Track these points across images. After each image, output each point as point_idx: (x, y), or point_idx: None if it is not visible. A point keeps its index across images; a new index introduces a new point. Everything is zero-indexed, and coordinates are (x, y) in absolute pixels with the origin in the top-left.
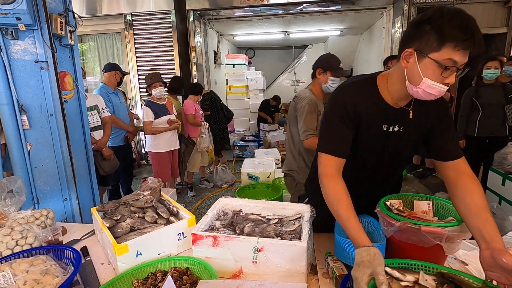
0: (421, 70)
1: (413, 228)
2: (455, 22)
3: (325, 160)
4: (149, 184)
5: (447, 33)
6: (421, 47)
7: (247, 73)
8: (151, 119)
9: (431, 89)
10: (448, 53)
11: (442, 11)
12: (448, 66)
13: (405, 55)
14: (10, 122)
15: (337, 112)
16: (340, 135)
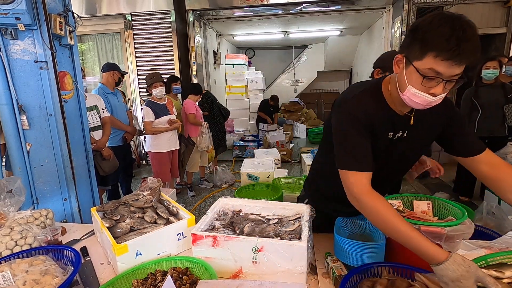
0: (406, 77)
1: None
2: (441, 30)
3: (355, 179)
4: (148, 184)
5: (429, 41)
6: (408, 53)
7: (246, 73)
8: (151, 119)
9: (416, 98)
10: (429, 62)
11: (434, 17)
12: (429, 76)
13: (396, 60)
14: (9, 122)
15: (353, 125)
16: (363, 149)
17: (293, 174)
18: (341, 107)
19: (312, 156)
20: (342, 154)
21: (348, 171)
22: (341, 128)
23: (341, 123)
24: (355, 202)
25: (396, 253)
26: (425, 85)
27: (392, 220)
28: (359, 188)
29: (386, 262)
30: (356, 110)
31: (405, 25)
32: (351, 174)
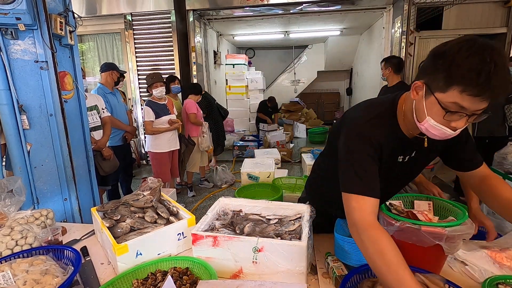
0: (426, 107)
1: (413, 228)
2: (469, 62)
3: (360, 205)
4: (149, 184)
5: (455, 74)
6: (429, 82)
7: (247, 73)
8: (152, 119)
9: (434, 130)
10: (454, 96)
11: (463, 45)
12: (452, 110)
13: (415, 86)
14: (10, 122)
15: (365, 149)
16: (372, 174)
17: (293, 174)
18: (353, 129)
19: (312, 156)
20: (349, 176)
21: (353, 194)
22: (351, 150)
23: (351, 146)
24: (354, 231)
25: None
26: (447, 119)
27: (397, 265)
28: (363, 217)
29: None
30: (369, 135)
31: (405, 25)
32: (355, 198)
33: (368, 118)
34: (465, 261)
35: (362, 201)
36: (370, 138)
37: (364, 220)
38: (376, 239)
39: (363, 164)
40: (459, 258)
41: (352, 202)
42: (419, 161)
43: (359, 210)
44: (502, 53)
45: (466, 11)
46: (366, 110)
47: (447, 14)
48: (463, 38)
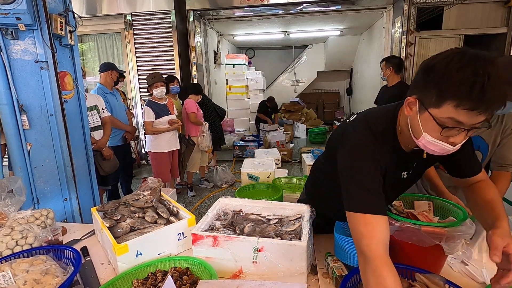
0: (421, 123)
1: (413, 228)
2: (461, 75)
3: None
4: (149, 184)
5: (447, 88)
6: (422, 97)
7: (247, 73)
8: (152, 119)
9: (432, 146)
10: (448, 111)
11: (453, 57)
12: (448, 126)
13: (408, 102)
14: (10, 122)
15: (370, 170)
16: (378, 193)
17: (293, 174)
18: (356, 149)
19: (313, 156)
20: (354, 196)
21: (359, 214)
22: (355, 170)
23: (355, 166)
24: (361, 260)
25: (396, 253)
26: (444, 134)
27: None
28: (372, 247)
29: None
30: (373, 155)
31: (405, 25)
32: (363, 220)
33: (371, 139)
34: (465, 261)
35: (371, 226)
36: (374, 159)
37: (372, 251)
38: (381, 274)
39: (368, 183)
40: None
41: (360, 226)
42: (420, 171)
43: (368, 238)
44: (495, 63)
45: (466, 11)
46: (369, 128)
47: (447, 14)
48: (453, 50)
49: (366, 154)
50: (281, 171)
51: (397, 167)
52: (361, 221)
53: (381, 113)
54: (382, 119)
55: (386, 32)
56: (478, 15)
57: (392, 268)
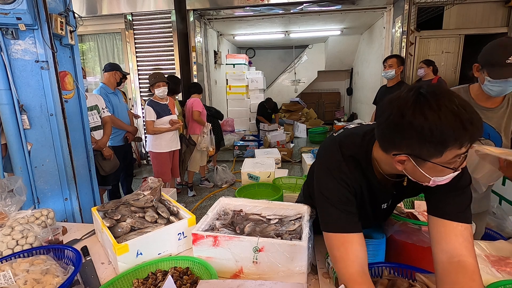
0: (425, 172)
1: (413, 228)
2: (447, 122)
3: (341, 253)
4: (149, 184)
5: (444, 138)
6: (416, 153)
7: (247, 73)
8: (153, 119)
9: (443, 181)
10: (452, 153)
11: (422, 110)
12: (457, 164)
13: (398, 160)
14: (10, 122)
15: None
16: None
17: (293, 174)
18: (325, 173)
19: (313, 156)
20: (325, 215)
21: (331, 234)
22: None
23: (322, 187)
24: (342, 282)
25: (396, 253)
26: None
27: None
28: (346, 270)
29: (386, 262)
30: (340, 174)
31: (405, 25)
32: (335, 241)
33: (340, 159)
34: None
35: (343, 248)
36: (342, 178)
37: (346, 275)
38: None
39: (338, 202)
40: None
41: (334, 249)
42: (402, 197)
43: (341, 262)
44: (451, 95)
45: (466, 11)
46: (339, 149)
47: (448, 14)
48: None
49: (334, 173)
50: (281, 171)
51: (375, 196)
52: (334, 242)
53: (352, 140)
54: (353, 147)
55: (386, 32)
56: (478, 15)
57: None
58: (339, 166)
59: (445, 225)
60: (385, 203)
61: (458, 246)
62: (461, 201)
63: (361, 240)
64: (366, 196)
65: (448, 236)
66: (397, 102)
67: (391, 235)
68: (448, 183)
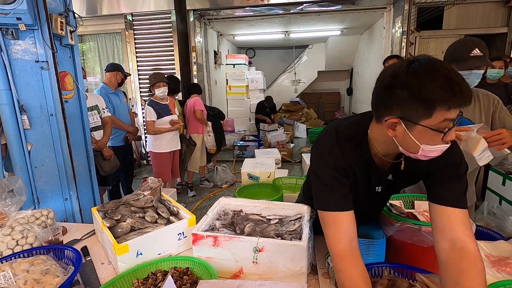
0: (415, 138)
1: (413, 228)
2: (438, 82)
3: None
4: (149, 184)
5: (433, 98)
6: (406, 115)
7: (247, 73)
8: (153, 119)
9: (433, 153)
10: (441, 116)
11: (415, 71)
12: (446, 128)
13: (389, 124)
14: (10, 122)
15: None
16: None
17: (293, 174)
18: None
19: None
20: (319, 194)
21: (324, 212)
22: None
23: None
24: (331, 257)
25: (396, 253)
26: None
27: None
28: (335, 246)
29: (386, 263)
30: (330, 161)
31: (405, 25)
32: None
33: (334, 142)
34: None
35: (335, 226)
36: (335, 161)
37: (337, 251)
38: (349, 273)
39: (330, 182)
40: None
41: (326, 227)
42: (398, 184)
43: (332, 238)
44: (443, 62)
45: (466, 11)
46: (335, 133)
47: (448, 14)
48: (403, 64)
49: (327, 156)
50: (281, 171)
51: (369, 180)
52: (327, 220)
53: (349, 121)
54: (350, 127)
55: (386, 32)
56: (478, 15)
57: (357, 262)
58: (331, 150)
59: (447, 212)
60: (379, 186)
61: (461, 234)
62: (459, 187)
63: (350, 219)
64: (360, 178)
65: (450, 223)
66: (391, 68)
67: (391, 235)
68: (448, 171)
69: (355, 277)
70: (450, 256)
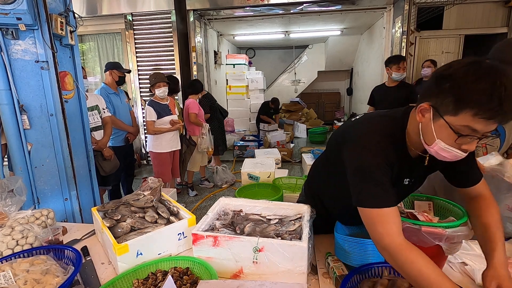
0: (435, 130)
1: (413, 228)
2: (480, 86)
3: (387, 229)
4: (149, 184)
5: (466, 98)
6: (437, 105)
7: (247, 73)
8: (153, 119)
9: (445, 152)
10: (466, 120)
11: (469, 68)
12: (464, 134)
13: (421, 109)
14: (10, 122)
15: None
16: (389, 186)
17: (293, 174)
18: (361, 148)
19: (313, 156)
20: (367, 191)
21: (374, 210)
22: (364, 166)
23: (364, 161)
24: (386, 256)
25: None
26: (458, 142)
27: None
28: (394, 241)
29: (386, 262)
30: (382, 152)
31: (405, 25)
32: (378, 217)
33: (379, 137)
34: (465, 261)
35: (386, 223)
36: (384, 154)
37: (395, 244)
38: (412, 261)
39: (380, 177)
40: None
41: (377, 225)
42: (419, 180)
43: (388, 236)
44: (509, 76)
45: (466, 11)
46: (378, 129)
47: (448, 14)
48: (467, 60)
49: (376, 149)
50: (281, 171)
51: (402, 172)
52: (376, 218)
53: (388, 117)
54: (389, 123)
55: (386, 32)
56: (478, 15)
57: (417, 250)
58: (378, 144)
59: (473, 188)
60: (407, 179)
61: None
62: (474, 164)
63: (397, 211)
64: (397, 172)
65: (476, 191)
66: (454, 61)
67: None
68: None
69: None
70: (471, 202)
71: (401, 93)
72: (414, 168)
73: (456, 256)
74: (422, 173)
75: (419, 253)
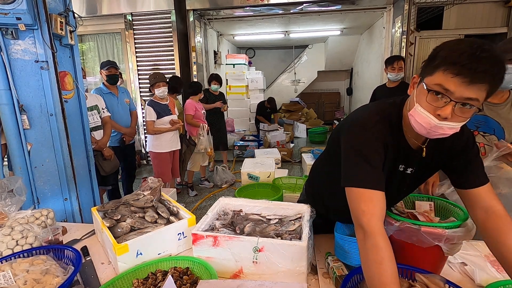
0: (416, 95)
1: (413, 228)
2: (457, 47)
3: (370, 208)
4: (149, 184)
5: (441, 56)
6: (422, 73)
7: (247, 73)
8: (153, 119)
9: (420, 117)
10: (439, 78)
11: (461, 39)
12: (434, 91)
13: (413, 82)
14: (10, 122)
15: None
16: (379, 168)
17: (293, 174)
18: (359, 124)
19: (313, 156)
20: (354, 169)
21: (360, 189)
22: (356, 143)
23: (356, 139)
24: (360, 234)
25: (396, 253)
26: (432, 104)
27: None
28: (372, 223)
29: None
30: (376, 131)
31: (405, 25)
32: (363, 196)
33: (377, 118)
34: (465, 262)
35: (371, 203)
36: (380, 135)
37: (373, 227)
38: (380, 249)
39: (373, 159)
40: (459, 259)
41: (361, 203)
42: (419, 176)
43: (369, 215)
44: (493, 47)
45: (466, 11)
46: (375, 111)
47: (448, 14)
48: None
49: (373, 129)
50: (281, 171)
51: (396, 157)
52: (362, 197)
53: (388, 103)
54: (388, 107)
55: (386, 32)
56: (478, 15)
57: (388, 241)
58: (376, 123)
59: (478, 191)
60: (402, 166)
61: (491, 201)
62: (479, 165)
63: (384, 199)
64: (390, 157)
65: (482, 197)
66: None
67: (391, 235)
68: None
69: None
70: (486, 220)
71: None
72: (411, 157)
73: (456, 256)
74: (422, 165)
75: (389, 247)
